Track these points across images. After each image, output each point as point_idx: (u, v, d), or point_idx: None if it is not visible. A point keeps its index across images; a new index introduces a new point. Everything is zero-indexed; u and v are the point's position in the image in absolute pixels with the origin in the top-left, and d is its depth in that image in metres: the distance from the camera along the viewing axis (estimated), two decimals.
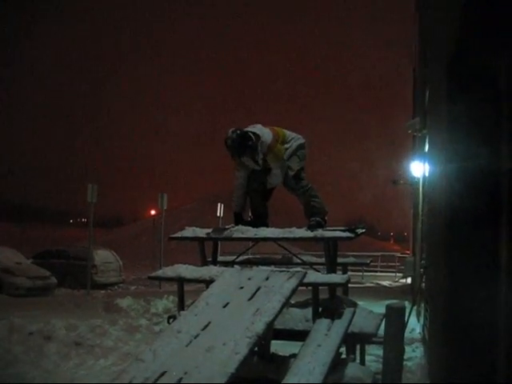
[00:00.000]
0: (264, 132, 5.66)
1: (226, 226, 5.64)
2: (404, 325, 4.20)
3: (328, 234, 5.08)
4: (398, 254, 35.59)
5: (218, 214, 25.56)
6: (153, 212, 39.88)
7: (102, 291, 18.87)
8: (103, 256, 20.95)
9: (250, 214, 5.93)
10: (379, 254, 34.86)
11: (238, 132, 5.55)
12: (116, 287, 20.77)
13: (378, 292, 18.01)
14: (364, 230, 5.43)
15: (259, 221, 5.68)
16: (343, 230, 5.14)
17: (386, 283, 24.83)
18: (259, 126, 5.77)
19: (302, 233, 5.18)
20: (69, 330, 8.50)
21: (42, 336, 8.10)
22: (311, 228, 5.26)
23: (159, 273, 5.37)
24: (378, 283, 24.91)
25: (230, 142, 5.52)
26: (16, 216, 68.54)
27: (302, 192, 5.62)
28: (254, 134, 5.57)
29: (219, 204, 25.98)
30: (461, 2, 3.56)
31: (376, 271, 31.47)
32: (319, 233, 5.07)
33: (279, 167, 5.63)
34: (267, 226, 5.62)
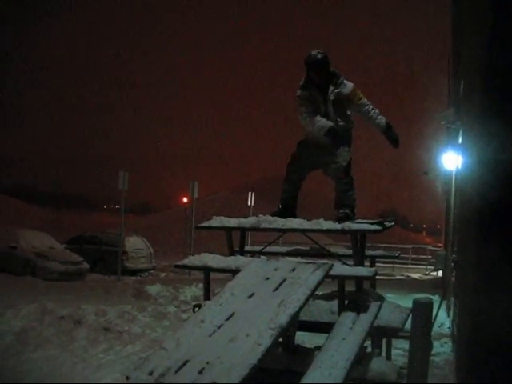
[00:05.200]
0: None
1: (252, 217, 5.61)
2: (431, 320, 4.13)
3: (355, 226, 5.02)
4: (430, 247, 35.20)
5: (249, 203, 25.57)
6: (185, 200, 40.14)
7: (133, 277, 19.07)
8: (134, 243, 21.12)
9: (278, 204, 5.87)
10: (410, 246, 34.50)
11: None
12: (146, 274, 20.92)
13: (408, 285, 17.82)
14: (393, 224, 5.35)
15: (288, 211, 5.62)
16: (371, 223, 5.07)
17: (416, 276, 24.59)
18: None
19: (330, 225, 5.13)
20: (98, 316, 8.64)
21: (73, 320, 8.27)
22: (339, 220, 5.19)
23: (186, 261, 5.38)
24: (408, 275, 24.69)
25: (320, 57, 5.45)
26: (51, 202, 69.81)
27: (345, 182, 5.50)
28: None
29: (250, 193, 25.98)
30: None
31: (407, 263, 31.17)
32: (346, 225, 5.00)
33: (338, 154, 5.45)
34: (295, 216, 5.57)
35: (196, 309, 4.96)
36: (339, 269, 4.65)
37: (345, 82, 5.57)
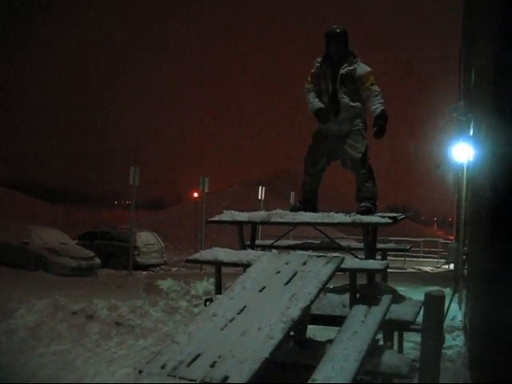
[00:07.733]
0: None
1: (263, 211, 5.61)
2: (443, 313, 4.11)
3: (366, 219, 5.00)
4: (441, 240, 35.02)
5: (259, 197, 25.56)
6: (196, 195, 40.16)
7: (144, 272, 19.14)
8: (145, 238, 21.17)
9: (299, 198, 5.85)
10: (422, 239, 34.35)
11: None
12: (158, 269, 20.99)
13: (420, 278, 17.77)
14: (403, 217, 5.32)
15: (309, 205, 5.61)
16: (383, 216, 5.05)
17: (427, 269, 24.53)
18: None
19: (341, 218, 5.12)
20: (110, 310, 8.68)
21: (85, 315, 8.32)
22: (361, 214, 5.17)
23: (197, 256, 5.38)
24: (419, 269, 24.64)
25: (340, 31, 5.50)
26: (62, 198, 70.08)
27: (363, 174, 5.47)
28: None
29: (260, 187, 25.96)
30: None
31: (418, 256, 31.07)
32: (357, 218, 4.99)
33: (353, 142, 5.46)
34: (316, 210, 5.55)
35: (207, 303, 4.97)
36: (350, 262, 4.64)
37: (361, 64, 5.50)
